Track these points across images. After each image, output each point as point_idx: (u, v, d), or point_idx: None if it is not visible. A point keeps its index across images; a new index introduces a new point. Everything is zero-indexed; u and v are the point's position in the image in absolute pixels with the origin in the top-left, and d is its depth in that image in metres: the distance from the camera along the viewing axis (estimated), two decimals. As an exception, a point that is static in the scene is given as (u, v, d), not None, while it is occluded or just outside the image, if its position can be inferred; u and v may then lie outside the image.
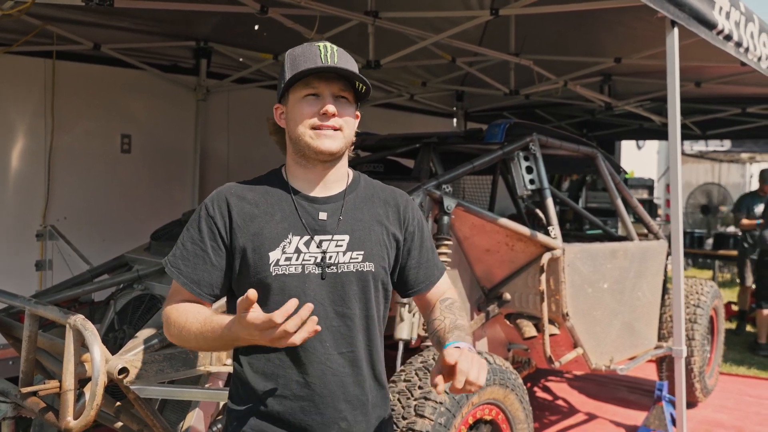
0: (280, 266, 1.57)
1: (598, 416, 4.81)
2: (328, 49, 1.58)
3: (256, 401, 1.60)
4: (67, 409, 2.13)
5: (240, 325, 1.38)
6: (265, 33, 4.66)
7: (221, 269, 1.61)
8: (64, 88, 4.69)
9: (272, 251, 1.58)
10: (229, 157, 5.83)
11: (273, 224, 1.60)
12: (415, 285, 1.77)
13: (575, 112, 8.14)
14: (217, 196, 1.65)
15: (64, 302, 3.12)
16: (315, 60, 1.56)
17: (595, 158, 4.23)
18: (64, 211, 4.67)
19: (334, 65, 1.55)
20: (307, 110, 1.57)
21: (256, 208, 1.62)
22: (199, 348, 1.56)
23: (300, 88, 1.58)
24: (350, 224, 1.65)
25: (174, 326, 1.57)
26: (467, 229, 3.48)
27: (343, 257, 1.61)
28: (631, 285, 4.11)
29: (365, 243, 1.65)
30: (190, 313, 1.55)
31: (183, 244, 1.63)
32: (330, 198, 1.66)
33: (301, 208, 1.63)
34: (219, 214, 1.61)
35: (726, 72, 5.23)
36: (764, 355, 6.71)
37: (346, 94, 1.60)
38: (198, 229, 1.63)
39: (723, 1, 3.31)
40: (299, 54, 1.60)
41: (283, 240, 1.59)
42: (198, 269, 1.60)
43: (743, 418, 4.85)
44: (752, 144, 13.00)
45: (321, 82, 1.57)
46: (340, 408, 1.60)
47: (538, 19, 4.58)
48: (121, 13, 4.04)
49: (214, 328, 1.48)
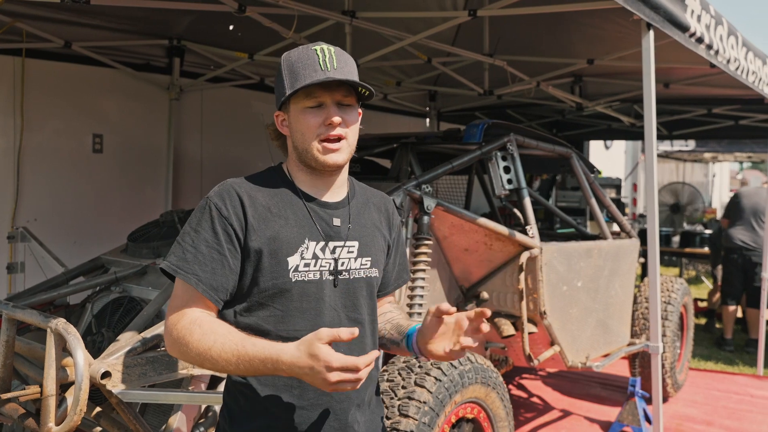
0: (299, 272, 1.53)
1: (573, 413, 4.88)
2: (326, 54, 1.53)
3: (267, 414, 1.53)
4: (48, 414, 2.09)
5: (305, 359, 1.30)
6: (240, 33, 4.62)
7: (237, 273, 1.52)
8: (33, 87, 4.58)
9: (291, 256, 1.52)
10: (203, 156, 5.76)
11: (288, 228, 1.54)
12: (387, 287, 1.80)
13: (546, 113, 8.24)
14: (226, 193, 1.54)
15: (39, 305, 3.06)
16: (314, 67, 1.51)
17: (569, 158, 4.28)
18: (34, 212, 4.57)
19: (335, 73, 1.50)
20: (313, 121, 1.53)
21: (268, 211, 1.55)
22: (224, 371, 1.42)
23: (302, 97, 1.53)
24: (358, 230, 1.64)
25: (197, 346, 1.41)
26: (446, 229, 3.50)
27: (355, 263, 1.61)
28: (605, 283, 4.17)
29: (371, 249, 1.66)
30: (218, 333, 1.41)
31: (196, 248, 1.49)
32: (339, 203, 1.64)
33: (314, 213, 1.59)
34: (234, 215, 1.51)
35: (694, 73, 5.35)
36: (730, 350, 6.88)
37: (349, 99, 1.56)
38: (213, 230, 1.50)
39: (695, 4, 3.39)
40: (296, 60, 1.54)
41: (300, 245, 1.54)
42: (217, 274, 1.49)
43: (712, 413, 4.96)
44: (716, 144, 13.32)
45: (324, 92, 1.52)
46: (353, 412, 1.60)
47: (511, 21, 4.63)
48: (92, 10, 3.97)
49: (257, 356, 1.36)
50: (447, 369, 2.77)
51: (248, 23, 4.08)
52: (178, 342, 1.45)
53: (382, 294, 1.78)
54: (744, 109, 6.91)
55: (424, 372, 2.73)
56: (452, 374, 2.77)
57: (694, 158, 15.73)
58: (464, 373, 2.82)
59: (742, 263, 6.78)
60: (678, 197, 10.54)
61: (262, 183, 1.60)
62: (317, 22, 4.20)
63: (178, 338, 1.45)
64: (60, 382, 2.15)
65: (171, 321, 1.48)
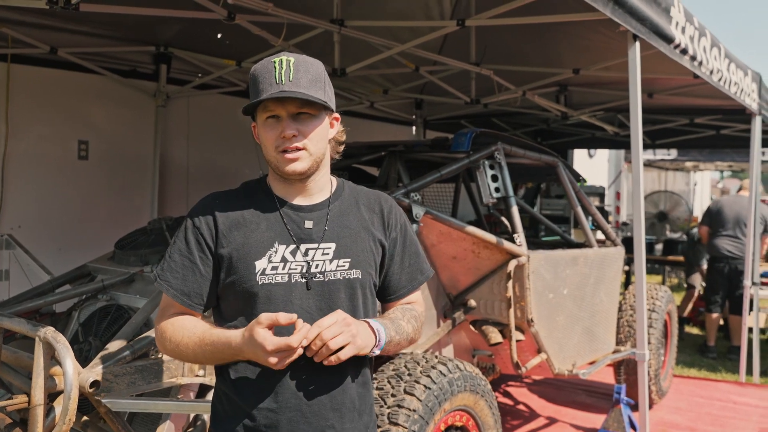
0: (266, 275, 1.57)
1: (559, 420, 4.90)
2: (283, 66, 1.55)
3: (243, 416, 1.59)
4: (36, 424, 2.07)
5: (248, 344, 1.42)
6: (228, 41, 4.62)
7: (209, 279, 1.62)
8: (19, 93, 4.55)
9: (258, 260, 1.58)
10: (189, 164, 5.74)
11: (259, 233, 1.61)
12: (397, 290, 1.77)
13: (531, 121, 8.31)
14: (202, 206, 1.66)
15: (25, 313, 3.02)
16: (270, 80, 1.54)
17: (556, 167, 4.32)
18: (19, 219, 4.53)
19: (288, 86, 1.53)
20: (271, 134, 1.58)
21: (241, 218, 1.63)
22: (196, 361, 1.58)
23: (261, 110, 1.59)
24: (336, 232, 1.65)
25: (170, 341, 1.58)
26: (435, 237, 3.51)
27: (330, 265, 1.62)
28: (591, 291, 4.20)
29: (352, 250, 1.65)
30: (186, 328, 1.57)
31: (170, 256, 1.63)
32: (315, 206, 1.67)
33: (286, 217, 1.63)
34: (205, 224, 1.62)
35: (678, 84, 5.42)
36: (713, 357, 6.95)
37: (307, 109, 1.58)
38: (185, 240, 1.63)
39: (680, 16, 3.44)
40: (258, 73, 1.58)
41: (269, 249, 1.59)
42: (188, 281, 1.60)
43: (696, 419, 5.01)
44: (697, 153, 13.49)
45: (277, 105, 1.56)
46: (328, 416, 1.60)
47: (498, 30, 4.68)
48: (79, 17, 3.96)
49: (214, 342, 1.51)
50: (436, 377, 2.77)
51: (237, 31, 4.08)
52: (159, 339, 1.62)
53: (393, 298, 1.77)
54: (725, 119, 7.01)
55: (413, 380, 2.73)
56: (442, 382, 2.78)
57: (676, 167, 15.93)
58: (453, 381, 2.83)
59: (728, 272, 6.83)
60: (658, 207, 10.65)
61: (241, 193, 1.70)
62: (306, 31, 4.22)
63: (158, 335, 1.62)
64: (48, 392, 2.13)
65: (155, 323, 1.66)
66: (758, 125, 5.61)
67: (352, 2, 4.18)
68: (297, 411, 1.57)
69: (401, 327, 1.67)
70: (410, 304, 1.79)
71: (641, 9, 3.00)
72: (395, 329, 1.64)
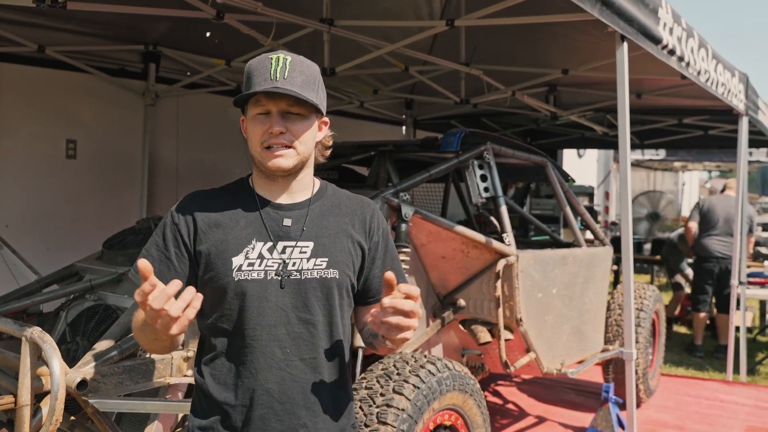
0: (242, 271, 1.59)
1: (548, 419, 4.92)
2: (279, 63, 1.57)
3: (219, 413, 1.61)
4: (23, 425, 2.06)
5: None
6: (217, 40, 4.61)
7: (184, 276, 1.63)
8: (6, 92, 4.52)
9: (235, 257, 1.59)
10: (179, 163, 5.72)
11: (237, 230, 1.62)
12: (377, 293, 1.77)
13: (520, 121, 8.33)
14: (183, 203, 1.69)
15: (12, 314, 3.00)
16: (265, 75, 1.56)
17: (545, 167, 4.34)
18: (6, 218, 4.50)
19: (282, 83, 1.55)
20: (258, 129, 1.59)
21: (221, 216, 1.65)
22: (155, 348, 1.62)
23: (252, 105, 1.60)
24: (315, 231, 1.66)
25: (137, 333, 1.60)
26: (424, 237, 3.52)
27: (307, 264, 1.62)
28: (580, 290, 4.22)
29: (330, 250, 1.66)
30: (140, 314, 1.57)
31: (148, 251, 1.65)
32: (295, 205, 1.68)
33: (265, 215, 1.65)
34: (183, 222, 1.64)
35: (666, 84, 5.45)
36: (700, 356, 7.00)
37: (297, 109, 1.59)
38: (163, 236, 1.65)
39: (667, 17, 3.47)
40: (254, 68, 1.60)
41: (246, 246, 1.61)
42: (162, 275, 1.57)
43: (684, 418, 5.04)
44: (685, 153, 13.58)
45: (269, 100, 1.57)
46: (300, 414, 1.60)
47: (488, 30, 4.69)
48: (67, 15, 3.93)
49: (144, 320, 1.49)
50: (425, 376, 2.78)
51: (226, 30, 4.07)
52: (134, 332, 1.62)
53: (373, 301, 1.75)
54: (713, 120, 7.05)
55: (402, 379, 2.74)
56: (431, 381, 2.78)
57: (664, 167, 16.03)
58: (442, 380, 2.84)
59: (718, 271, 6.86)
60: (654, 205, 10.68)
61: (223, 192, 1.72)
62: (295, 30, 4.21)
63: (133, 329, 1.62)
64: (35, 392, 2.12)
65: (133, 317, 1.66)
66: (745, 126, 5.65)
67: (342, 2, 4.18)
68: (269, 408, 1.58)
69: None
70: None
71: (629, 10, 3.02)
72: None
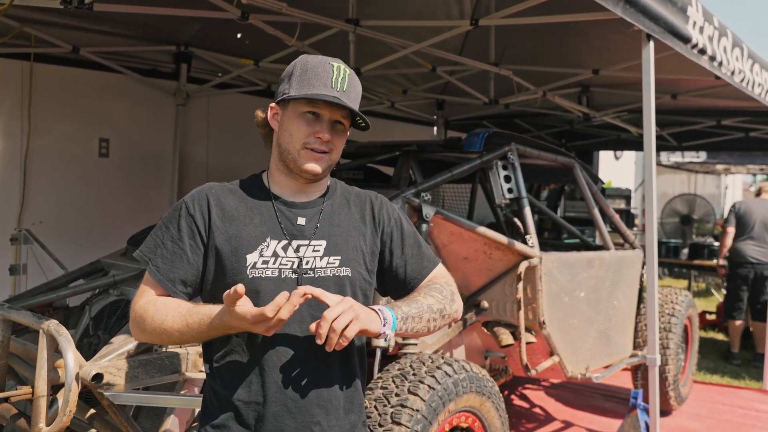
0: (256, 269, 1.59)
1: (575, 424, 4.84)
2: (341, 73, 1.61)
3: (231, 410, 1.60)
4: (39, 415, 2.11)
5: (231, 317, 1.41)
6: (248, 41, 4.66)
7: (197, 268, 1.63)
8: (41, 91, 4.64)
9: (249, 254, 1.59)
10: (209, 162, 5.80)
11: (252, 227, 1.62)
12: (406, 284, 1.75)
13: (554, 122, 8.22)
14: (197, 194, 1.68)
15: (39, 307, 3.08)
16: (326, 82, 1.59)
17: (572, 168, 4.27)
18: (40, 215, 4.62)
19: (343, 96, 1.59)
20: (305, 128, 1.60)
21: (235, 211, 1.65)
22: (181, 341, 1.57)
23: (304, 104, 1.61)
24: (327, 230, 1.67)
25: (151, 321, 1.54)
26: (445, 237, 3.50)
27: (320, 262, 1.63)
28: (607, 294, 4.15)
29: (342, 248, 1.66)
30: (169, 307, 1.55)
31: (163, 242, 1.63)
32: (308, 203, 1.69)
33: (280, 213, 1.65)
34: (199, 213, 1.63)
35: (701, 85, 5.32)
36: (737, 364, 6.81)
37: (345, 121, 1.64)
38: (177, 227, 1.63)
39: (697, 15, 3.38)
40: (312, 68, 1.61)
41: (261, 243, 1.61)
42: (176, 267, 1.60)
43: (716, 427, 4.91)
44: (727, 156, 13.20)
45: (326, 108, 1.60)
46: (314, 412, 1.60)
47: (517, 30, 4.64)
48: (100, 16, 4.02)
49: (201, 318, 1.49)
50: (441, 377, 2.76)
51: (253, 31, 4.11)
52: (136, 320, 1.58)
53: (411, 287, 1.74)
54: (754, 121, 6.86)
55: (418, 380, 2.72)
56: (446, 383, 2.76)
57: (705, 170, 15.62)
58: (458, 382, 2.82)
59: (753, 278, 6.69)
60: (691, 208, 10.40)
61: (237, 187, 1.71)
62: (321, 30, 4.23)
63: (136, 316, 1.58)
64: (52, 383, 2.17)
65: (133, 302, 1.62)
66: (785, 128, 5.49)
67: (369, 2, 4.18)
68: (282, 406, 1.58)
69: (417, 302, 1.64)
70: (432, 283, 1.75)
71: (654, 8, 2.95)
72: (408, 305, 1.62)
